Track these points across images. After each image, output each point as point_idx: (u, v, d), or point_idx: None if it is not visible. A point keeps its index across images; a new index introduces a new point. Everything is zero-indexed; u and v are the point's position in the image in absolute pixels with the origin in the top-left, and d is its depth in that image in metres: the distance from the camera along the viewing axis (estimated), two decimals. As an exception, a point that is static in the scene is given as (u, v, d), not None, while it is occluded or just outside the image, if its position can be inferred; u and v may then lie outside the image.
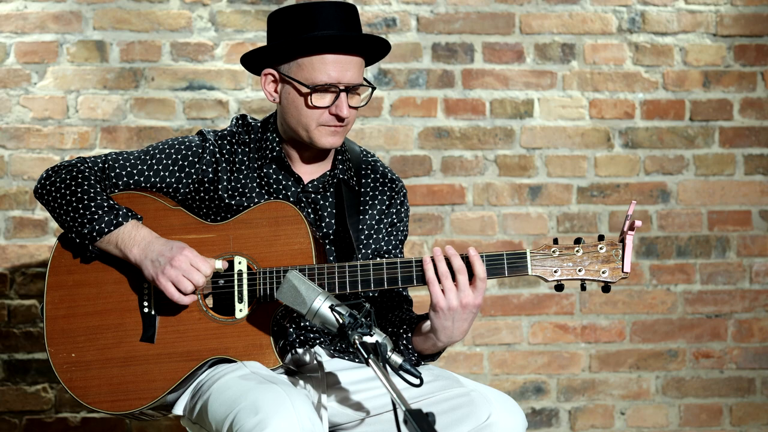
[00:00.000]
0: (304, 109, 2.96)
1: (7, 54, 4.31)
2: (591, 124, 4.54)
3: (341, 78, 2.93)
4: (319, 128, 2.97)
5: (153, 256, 2.89)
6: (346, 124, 2.98)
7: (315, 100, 2.95)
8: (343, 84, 2.94)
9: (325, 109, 2.95)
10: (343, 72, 2.93)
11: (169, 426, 4.38)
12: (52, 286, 2.99)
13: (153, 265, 2.88)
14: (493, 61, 4.50)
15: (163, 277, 2.87)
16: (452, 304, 2.80)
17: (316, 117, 2.96)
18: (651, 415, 4.55)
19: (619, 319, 4.55)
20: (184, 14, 4.38)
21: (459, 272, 2.79)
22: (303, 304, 2.67)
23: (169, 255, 2.87)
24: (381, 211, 3.13)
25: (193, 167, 3.05)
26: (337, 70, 2.93)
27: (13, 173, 4.32)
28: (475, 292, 2.80)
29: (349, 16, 2.97)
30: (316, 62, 2.93)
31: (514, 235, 4.50)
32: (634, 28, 4.54)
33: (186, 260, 2.86)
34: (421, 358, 2.97)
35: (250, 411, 2.66)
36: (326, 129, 2.97)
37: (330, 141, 2.99)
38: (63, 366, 2.95)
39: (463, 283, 2.79)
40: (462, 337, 2.86)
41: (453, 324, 2.82)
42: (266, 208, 2.96)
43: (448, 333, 2.84)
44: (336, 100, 2.94)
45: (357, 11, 3.02)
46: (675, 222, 4.57)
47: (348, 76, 2.94)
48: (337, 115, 2.95)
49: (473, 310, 2.81)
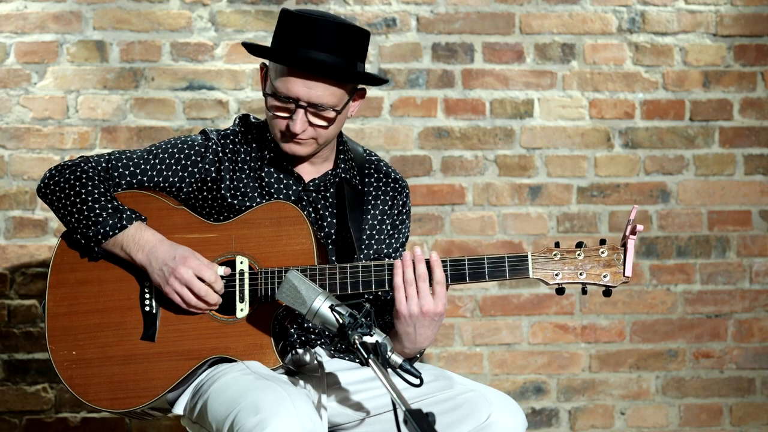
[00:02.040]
0: (269, 112, 2.98)
1: (7, 54, 4.31)
2: (591, 124, 4.54)
3: (299, 93, 2.91)
4: (282, 136, 2.98)
5: (157, 265, 2.90)
6: (306, 137, 2.95)
7: (274, 106, 2.95)
8: (303, 101, 2.92)
9: (285, 120, 2.95)
10: (303, 89, 2.91)
11: (169, 426, 4.38)
12: (54, 284, 3.00)
13: (158, 275, 2.90)
14: (493, 61, 4.50)
15: (169, 288, 2.90)
16: (413, 311, 2.81)
17: (279, 125, 2.97)
18: (651, 415, 4.55)
19: (619, 319, 4.55)
20: (184, 14, 4.38)
21: (419, 279, 2.80)
22: (303, 304, 2.67)
23: (172, 265, 2.88)
24: (383, 211, 3.13)
25: (196, 167, 3.05)
26: (297, 86, 2.90)
27: (13, 173, 4.32)
28: (435, 299, 2.80)
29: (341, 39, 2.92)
30: (285, 72, 2.92)
31: (514, 235, 4.50)
32: (634, 28, 4.54)
33: (190, 269, 2.88)
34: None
35: (251, 410, 2.67)
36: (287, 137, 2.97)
37: (291, 149, 2.98)
38: (63, 364, 2.95)
39: (423, 290, 2.80)
40: (427, 344, 2.87)
41: (415, 330, 2.83)
42: (269, 209, 2.97)
43: (411, 339, 2.85)
44: (293, 115, 2.93)
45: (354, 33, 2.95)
46: (675, 222, 4.57)
47: (307, 94, 2.91)
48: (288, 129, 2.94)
49: (435, 318, 2.81)
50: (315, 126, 2.95)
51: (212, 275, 2.88)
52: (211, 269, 2.89)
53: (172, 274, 2.87)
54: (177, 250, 2.90)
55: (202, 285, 2.88)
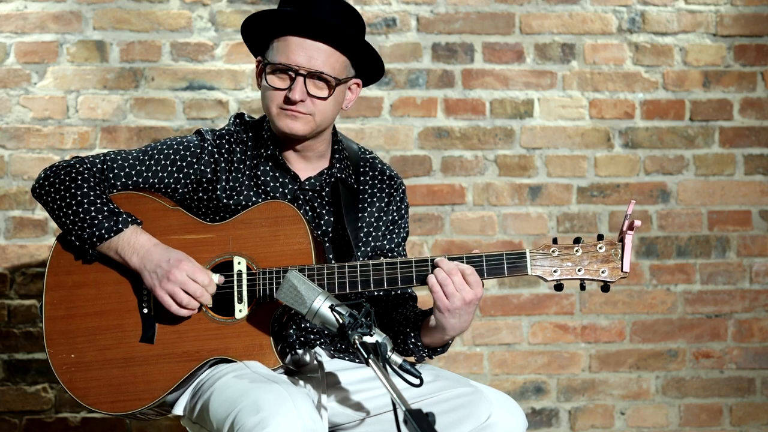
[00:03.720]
0: (267, 90, 2.97)
1: (7, 54, 4.31)
2: (591, 124, 4.54)
3: (298, 61, 2.91)
4: (279, 112, 2.96)
5: (151, 267, 2.89)
6: (304, 111, 2.95)
7: (273, 80, 2.94)
8: (303, 69, 2.92)
9: (283, 92, 2.94)
10: (303, 56, 2.91)
11: (169, 426, 4.38)
12: (51, 287, 2.99)
13: (151, 277, 2.89)
14: (493, 61, 4.50)
15: (160, 290, 2.88)
16: (456, 305, 2.83)
17: (276, 99, 2.95)
18: (651, 415, 4.55)
19: (619, 319, 4.55)
20: (184, 14, 4.38)
21: (451, 274, 2.81)
22: (303, 304, 2.67)
23: (166, 268, 2.87)
24: (380, 209, 3.13)
25: (192, 167, 3.04)
26: (296, 53, 2.91)
27: (13, 173, 4.32)
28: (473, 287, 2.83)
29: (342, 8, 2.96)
30: (281, 44, 2.93)
31: (514, 235, 4.50)
32: (634, 28, 4.54)
33: (184, 272, 2.87)
34: (433, 352, 3.00)
35: (252, 410, 2.67)
36: (284, 112, 2.96)
37: (288, 125, 2.96)
38: (63, 367, 2.94)
39: (459, 282, 2.81)
40: (468, 326, 2.90)
41: (459, 320, 2.86)
42: (265, 208, 2.96)
43: (455, 328, 2.88)
44: (291, 84, 2.93)
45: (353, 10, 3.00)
46: (675, 222, 4.57)
47: (308, 62, 2.92)
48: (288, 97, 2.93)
49: (476, 302, 2.85)
50: (314, 98, 2.94)
51: (206, 278, 2.88)
52: (205, 273, 2.89)
53: (165, 276, 2.87)
54: (171, 253, 2.89)
55: (197, 286, 2.87)
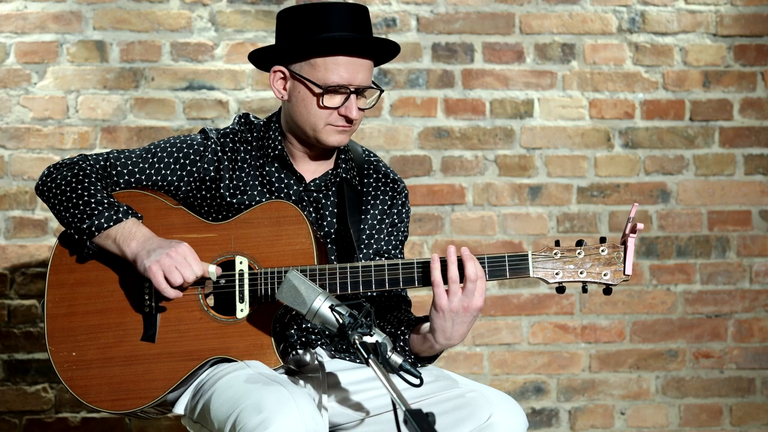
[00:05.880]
0: (314, 108, 2.98)
1: (7, 54, 4.31)
2: (591, 124, 4.54)
3: (352, 80, 2.96)
4: (326, 127, 3.00)
5: (151, 248, 2.88)
6: (353, 125, 3.01)
7: (326, 100, 2.97)
8: (354, 86, 2.97)
9: (335, 110, 2.98)
10: (354, 74, 2.96)
11: (169, 426, 4.38)
12: (53, 285, 2.99)
13: (148, 255, 2.87)
14: (493, 61, 4.50)
15: (156, 265, 2.86)
16: (454, 307, 2.80)
17: (325, 117, 2.98)
18: (651, 415, 4.55)
19: (619, 319, 4.55)
20: (184, 14, 4.38)
21: (469, 280, 2.79)
22: (303, 304, 2.67)
23: (167, 247, 2.87)
24: (382, 211, 3.13)
25: (195, 165, 3.05)
26: (349, 72, 2.96)
27: (13, 173, 4.32)
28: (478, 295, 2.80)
29: (360, 18, 3.00)
30: (330, 63, 2.95)
31: (514, 236, 4.50)
32: (634, 28, 4.54)
33: (182, 254, 2.87)
34: (418, 359, 2.97)
35: (254, 410, 2.67)
36: (333, 128, 3.00)
37: (337, 139, 3.01)
38: (64, 365, 2.94)
39: (470, 289, 2.79)
40: (460, 340, 2.85)
41: (452, 326, 2.82)
42: (268, 208, 2.96)
43: (446, 335, 2.83)
44: (346, 102, 2.97)
45: (368, 13, 3.04)
46: (675, 222, 4.57)
47: (359, 79, 2.97)
48: (346, 116, 2.98)
49: (474, 313, 2.81)
50: (361, 110, 3.02)
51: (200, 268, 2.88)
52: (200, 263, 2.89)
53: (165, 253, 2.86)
54: (172, 241, 2.90)
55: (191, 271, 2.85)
